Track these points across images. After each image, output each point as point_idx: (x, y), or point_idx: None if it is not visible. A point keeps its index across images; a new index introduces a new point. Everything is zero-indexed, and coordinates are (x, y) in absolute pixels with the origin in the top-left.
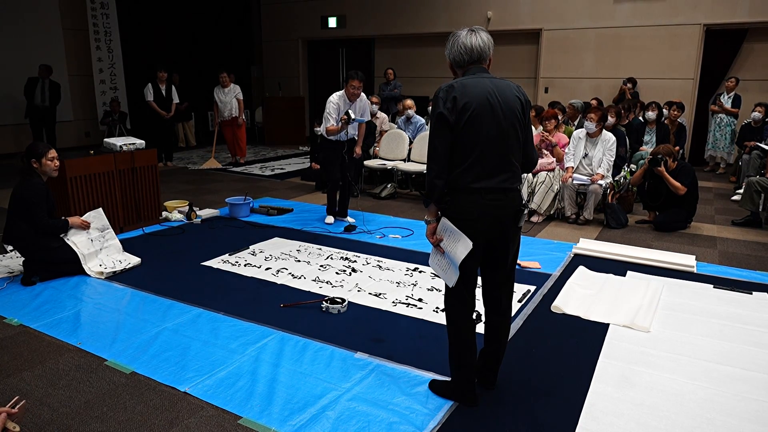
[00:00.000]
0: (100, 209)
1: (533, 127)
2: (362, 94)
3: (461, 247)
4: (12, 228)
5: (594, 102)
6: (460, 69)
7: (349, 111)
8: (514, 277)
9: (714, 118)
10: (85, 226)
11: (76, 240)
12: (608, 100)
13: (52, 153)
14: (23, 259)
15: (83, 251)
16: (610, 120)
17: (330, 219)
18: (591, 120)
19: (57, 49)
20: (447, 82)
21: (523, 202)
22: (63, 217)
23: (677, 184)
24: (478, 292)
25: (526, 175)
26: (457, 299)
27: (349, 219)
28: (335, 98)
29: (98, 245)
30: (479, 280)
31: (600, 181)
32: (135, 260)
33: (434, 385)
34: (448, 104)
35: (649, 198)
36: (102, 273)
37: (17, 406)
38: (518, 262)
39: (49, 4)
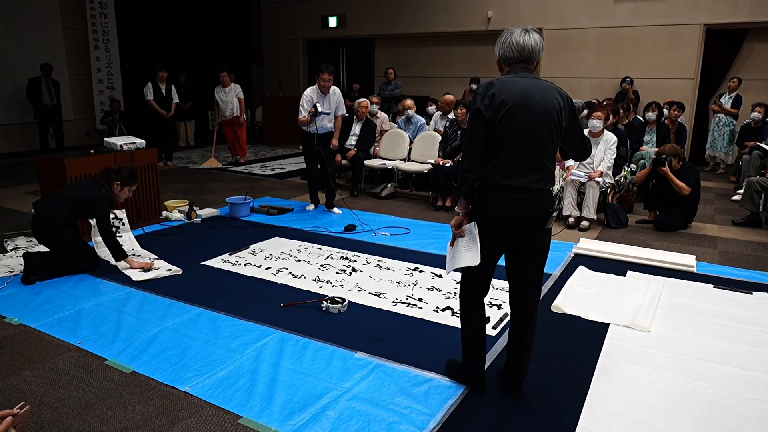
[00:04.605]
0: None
1: None
2: (336, 88)
3: (469, 257)
4: (52, 205)
5: (596, 101)
6: (508, 66)
7: (317, 104)
8: (541, 280)
9: (714, 118)
10: (146, 267)
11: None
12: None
13: (135, 188)
14: (23, 256)
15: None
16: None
17: (310, 206)
18: (599, 118)
19: (57, 48)
20: (487, 80)
21: (554, 204)
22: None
23: (681, 184)
24: (501, 293)
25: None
26: (467, 290)
27: (335, 210)
28: (308, 91)
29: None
30: (494, 280)
31: (598, 178)
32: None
33: (449, 365)
34: (485, 100)
35: (653, 198)
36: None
37: (22, 411)
38: None
39: (50, 3)
